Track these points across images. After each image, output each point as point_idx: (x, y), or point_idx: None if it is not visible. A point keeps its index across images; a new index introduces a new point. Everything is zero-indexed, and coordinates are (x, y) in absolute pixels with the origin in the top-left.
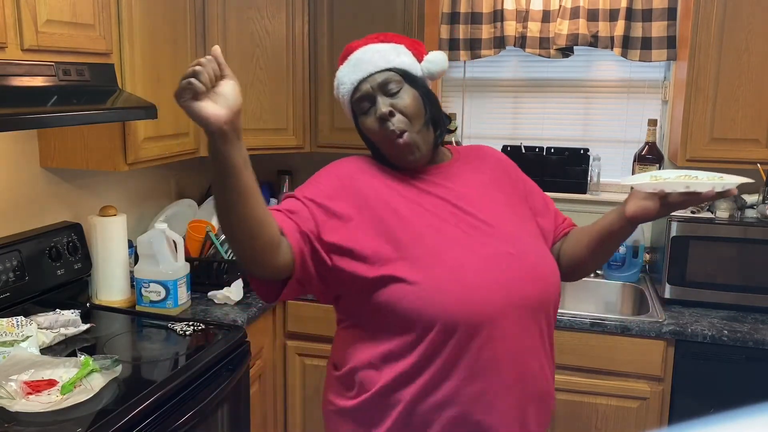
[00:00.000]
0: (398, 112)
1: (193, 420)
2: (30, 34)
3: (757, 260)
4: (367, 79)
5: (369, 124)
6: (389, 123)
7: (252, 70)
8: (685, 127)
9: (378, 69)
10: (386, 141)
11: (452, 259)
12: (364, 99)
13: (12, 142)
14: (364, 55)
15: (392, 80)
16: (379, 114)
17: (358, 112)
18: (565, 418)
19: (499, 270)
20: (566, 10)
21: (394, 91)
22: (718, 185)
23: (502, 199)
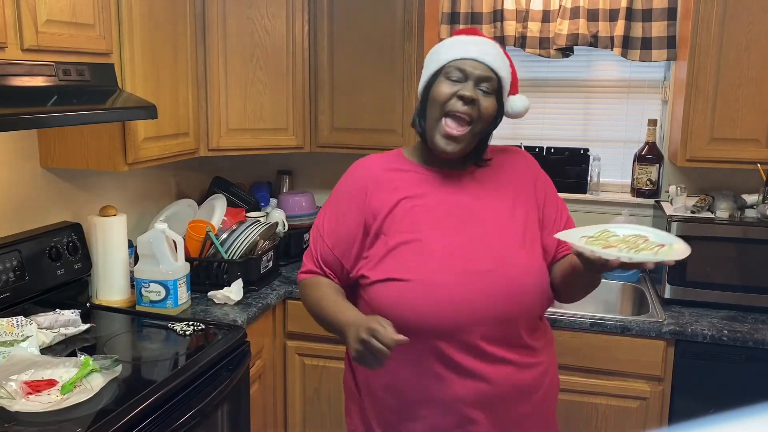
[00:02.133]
0: (477, 104)
1: (193, 420)
2: (30, 34)
3: (757, 260)
4: (476, 62)
5: (445, 90)
6: (463, 105)
7: (252, 70)
8: (685, 127)
9: (490, 65)
10: (442, 116)
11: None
12: (460, 71)
13: (12, 142)
14: (488, 46)
15: (491, 82)
16: (464, 93)
17: (443, 74)
18: (565, 418)
19: (472, 289)
20: (566, 10)
21: (484, 90)
22: (625, 257)
23: (512, 210)
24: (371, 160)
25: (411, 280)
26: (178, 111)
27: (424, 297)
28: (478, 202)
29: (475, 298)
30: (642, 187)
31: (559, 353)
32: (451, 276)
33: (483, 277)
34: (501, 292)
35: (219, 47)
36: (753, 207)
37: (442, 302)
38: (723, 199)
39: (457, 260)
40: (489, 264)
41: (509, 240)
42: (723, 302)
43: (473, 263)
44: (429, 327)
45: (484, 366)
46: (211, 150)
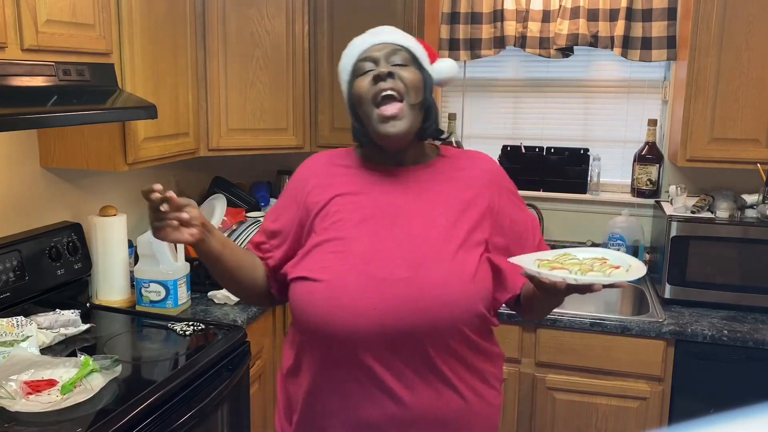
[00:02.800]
0: (398, 77)
1: (193, 420)
2: (30, 34)
3: (757, 260)
4: (380, 46)
5: (361, 85)
6: (384, 82)
7: (252, 70)
8: (685, 127)
9: (393, 41)
10: (371, 105)
11: (338, 277)
12: (369, 60)
13: (12, 142)
14: (385, 30)
15: (402, 53)
16: (377, 72)
17: (357, 73)
18: (565, 418)
19: (380, 297)
20: (566, 10)
21: (399, 63)
22: (571, 278)
23: (449, 214)
24: (319, 157)
25: (321, 280)
26: (178, 111)
27: (328, 299)
28: (413, 203)
29: (380, 307)
30: (642, 187)
31: (559, 353)
32: (362, 280)
33: (394, 286)
34: (410, 304)
35: (219, 47)
36: (753, 207)
37: (344, 307)
38: (723, 199)
39: (372, 264)
40: (404, 271)
41: (436, 247)
42: (723, 302)
43: (388, 269)
44: (332, 332)
45: (398, 386)
46: (211, 150)
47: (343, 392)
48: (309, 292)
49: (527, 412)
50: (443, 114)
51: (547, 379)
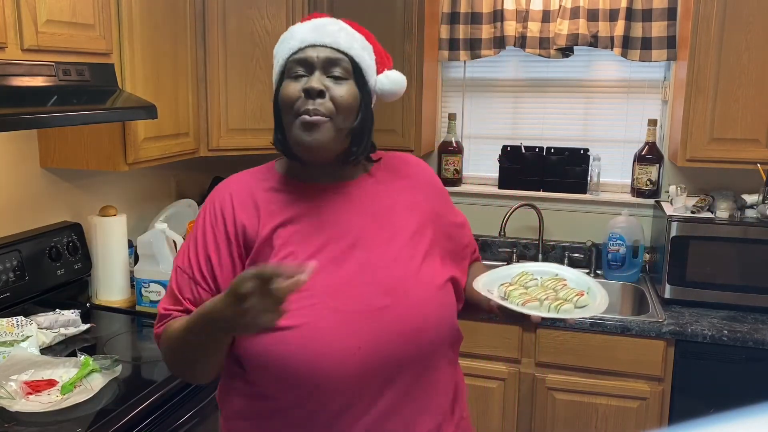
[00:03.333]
0: (330, 97)
1: (193, 420)
2: (30, 34)
3: (757, 260)
4: (318, 48)
5: (290, 91)
6: (312, 100)
7: (252, 70)
8: (685, 127)
9: (336, 46)
10: (295, 115)
11: (309, 321)
12: (303, 63)
13: (12, 142)
14: (330, 25)
15: (342, 65)
16: (309, 86)
17: (287, 73)
18: (565, 418)
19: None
20: (566, 10)
21: (336, 75)
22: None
23: (405, 226)
24: (234, 183)
25: (290, 327)
26: (178, 111)
27: (304, 348)
28: (363, 220)
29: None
30: (642, 187)
31: (559, 353)
32: (337, 319)
33: (374, 318)
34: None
35: (219, 47)
36: (753, 207)
37: (324, 354)
38: (723, 199)
39: (342, 298)
40: (381, 299)
41: (403, 264)
42: (723, 302)
43: (363, 299)
44: (311, 385)
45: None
46: (211, 150)
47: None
48: (278, 344)
49: (527, 412)
50: (443, 114)
51: (547, 379)
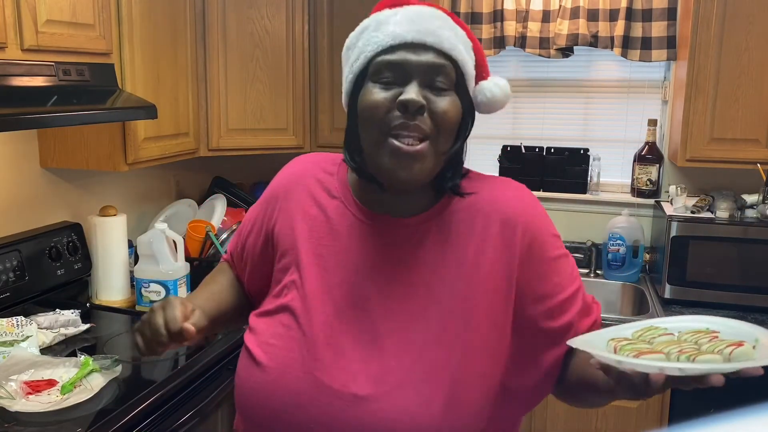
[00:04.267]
0: (429, 112)
1: (193, 420)
2: (30, 34)
3: (757, 260)
4: (418, 49)
5: (378, 101)
6: (410, 117)
7: (252, 70)
8: (685, 127)
9: (439, 47)
10: (383, 134)
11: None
12: (395, 68)
13: (12, 142)
14: (434, 19)
15: (446, 74)
16: (406, 99)
17: (372, 76)
18: (565, 418)
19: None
20: (566, 10)
21: (439, 86)
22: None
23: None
24: (303, 167)
25: (261, 364)
26: (178, 111)
27: (262, 394)
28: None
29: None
30: (642, 187)
31: None
32: (304, 385)
33: (342, 407)
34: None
35: (219, 47)
36: (753, 207)
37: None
38: (723, 199)
39: (323, 362)
40: (366, 387)
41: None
42: (723, 302)
43: (343, 377)
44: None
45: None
46: (211, 150)
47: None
48: (247, 378)
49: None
50: None
51: None
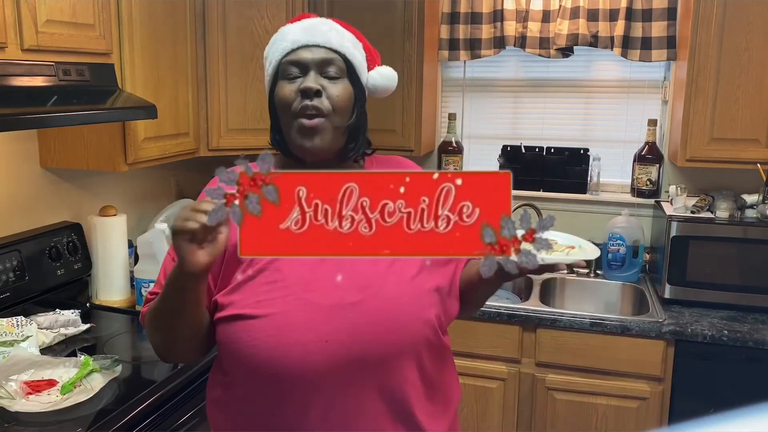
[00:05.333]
0: (326, 96)
1: (193, 420)
2: (30, 34)
3: (757, 260)
4: (311, 48)
5: (286, 93)
6: (309, 100)
7: (252, 70)
8: (685, 127)
9: (329, 45)
10: (293, 116)
11: (280, 311)
12: (297, 65)
13: (12, 142)
14: (321, 25)
15: (336, 64)
16: (305, 86)
17: (282, 75)
18: (565, 418)
19: (331, 328)
20: (566, 10)
21: (331, 75)
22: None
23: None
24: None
25: (260, 316)
26: (178, 111)
27: (272, 337)
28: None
29: (332, 339)
30: (642, 187)
31: (559, 353)
32: (307, 311)
33: (345, 313)
34: (363, 332)
35: (219, 47)
36: (753, 207)
37: (292, 344)
38: (723, 199)
39: (316, 292)
40: (355, 294)
41: (383, 263)
42: (723, 302)
43: (336, 294)
44: (278, 374)
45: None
46: (211, 150)
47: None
48: (247, 331)
49: (527, 412)
50: (443, 114)
51: (547, 379)
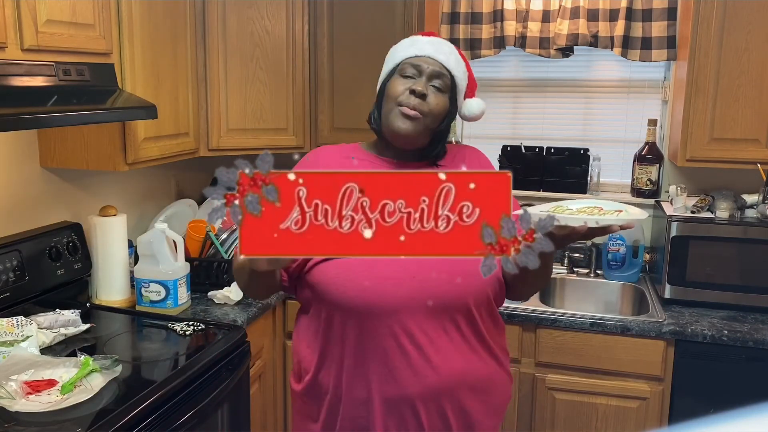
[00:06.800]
0: (428, 100)
1: (193, 420)
2: (30, 34)
3: (757, 260)
4: (431, 60)
5: (398, 86)
6: (415, 98)
7: (252, 70)
8: (685, 127)
9: (446, 63)
10: (396, 104)
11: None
12: (415, 68)
13: (12, 142)
14: (445, 46)
15: (444, 80)
16: (416, 87)
17: (400, 71)
18: (565, 418)
19: (414, 269)
20: (566, 10)
21: (437, 86)
22: (592, 221)
23: None
24: (327, 149)
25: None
26: (178, 111)
27: (366, 271)
28: None
29: (418, 276)
30: (642, 187)
31: (559, 353)
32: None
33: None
34: (441, 273)
35: (219, 47)
36: (753, 207)
37: (384, 277)
38: (723, 199)
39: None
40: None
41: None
42: (723, 302)
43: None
44: (373, 302)
45: (434, 354)
46: (211, 150)
47: (382, 366)
48: (345, 267)
49: (527, 412)
50: None
51: (547, 379)
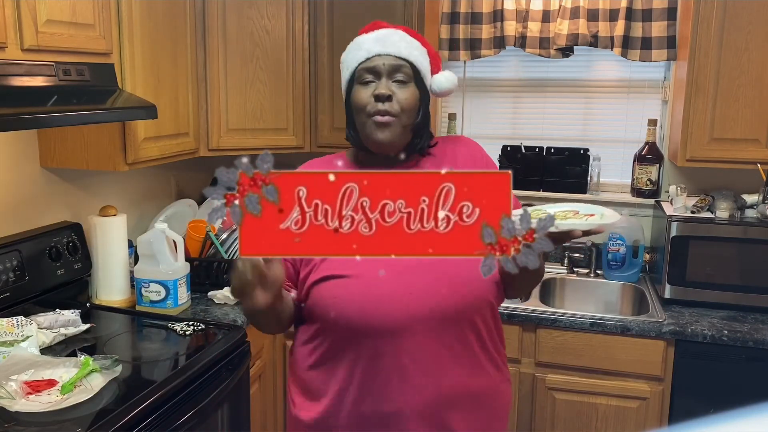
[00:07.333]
0: (396, 99)
1: (193, 420)
2: (30, 34)
3: (757, 260)
4: (384, 57)
5: (362, 96)
6: (382, 103)
7: (252, 70)
8: (685, 127)
9: (398, 54)
10: (367, 116)
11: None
12: (371, 72)
13: (12, 142)
14: (392, 35)
15: (404, 71)
16: (378, 92)
17: (357, 80)
18: (565, 418)
19: (412, 284)
20: (566, 10)
21: (400, 80)
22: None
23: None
24: (313, 163)
25: (350, 276)
26: (178, 111)
27: (364, 292)
28: None
29: (415, 291)
30: (642, 187)
31: (559, 353)
32: (389, 272)
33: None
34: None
35: (219, 47)
36: (753, 207)
37: (381, 297)
38: (723, 199)
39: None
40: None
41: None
42: (723, 302)
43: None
44: (371, 323)
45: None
46: (211, 150)
47: (383, 383)
48: (339, 287)
49: (527, 412)
50: (443, 114)
51: (547, 379)
